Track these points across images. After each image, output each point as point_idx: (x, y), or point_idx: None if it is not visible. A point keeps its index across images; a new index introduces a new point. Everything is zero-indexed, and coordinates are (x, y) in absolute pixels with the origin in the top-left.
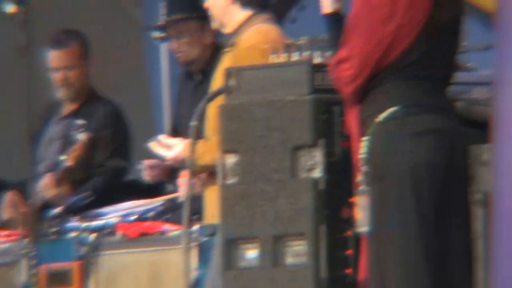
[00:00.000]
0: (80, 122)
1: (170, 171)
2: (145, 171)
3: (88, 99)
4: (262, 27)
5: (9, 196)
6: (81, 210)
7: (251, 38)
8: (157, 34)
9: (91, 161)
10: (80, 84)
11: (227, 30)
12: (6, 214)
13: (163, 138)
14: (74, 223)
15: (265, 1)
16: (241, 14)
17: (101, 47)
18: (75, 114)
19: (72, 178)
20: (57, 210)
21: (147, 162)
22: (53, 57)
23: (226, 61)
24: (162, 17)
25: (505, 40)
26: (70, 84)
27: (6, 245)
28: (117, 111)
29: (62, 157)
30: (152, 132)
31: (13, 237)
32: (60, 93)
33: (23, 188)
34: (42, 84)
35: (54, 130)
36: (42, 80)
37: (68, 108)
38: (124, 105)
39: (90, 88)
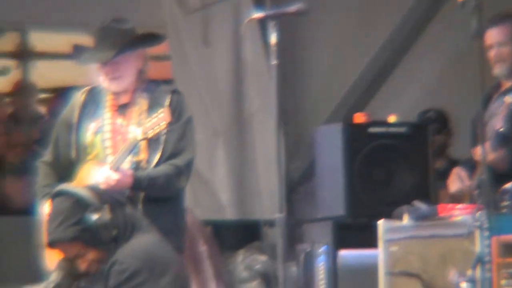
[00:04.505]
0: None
1: None
2: None
3: None
4: None
5: (456, 170)
6: None
7: None
8: None
9: None
10: None
11: None
12: (453, 188)
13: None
14: None
15: None
16: None
17: None
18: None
19: None
20: (508, 185)
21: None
22: (488, 34)
23: None
24: None
25: None
26: (503, 60)
27: (462, 217)
28: None
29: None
30: None
31: (468, 210)
32: (495, 70)
33: (472, 165)
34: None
35: (493, 106)
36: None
37: (504, 84)
38: None
39: None
